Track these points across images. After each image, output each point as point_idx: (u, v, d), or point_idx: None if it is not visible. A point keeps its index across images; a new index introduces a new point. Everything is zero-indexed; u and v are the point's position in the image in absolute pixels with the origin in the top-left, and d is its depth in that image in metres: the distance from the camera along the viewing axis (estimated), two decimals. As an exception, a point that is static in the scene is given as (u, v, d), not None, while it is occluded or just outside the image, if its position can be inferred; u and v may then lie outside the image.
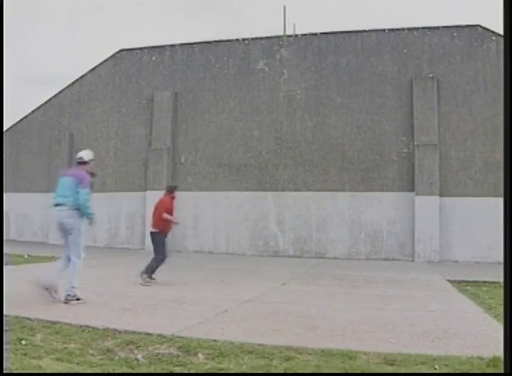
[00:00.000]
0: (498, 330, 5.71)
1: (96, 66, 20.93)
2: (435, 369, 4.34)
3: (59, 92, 21.42)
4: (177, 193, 10.43)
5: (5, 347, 4.62)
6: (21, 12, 54.23)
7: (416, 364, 4.46)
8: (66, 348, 4.85)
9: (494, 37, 16.70)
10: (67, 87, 21.27)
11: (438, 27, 17.42)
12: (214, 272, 12.17)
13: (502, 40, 16.57)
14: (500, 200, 17.43)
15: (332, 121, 17.77)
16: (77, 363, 4.38)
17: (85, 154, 7.82)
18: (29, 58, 55.36)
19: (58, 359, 4.48)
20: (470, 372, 4.27)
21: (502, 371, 4.25)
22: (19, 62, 53.94)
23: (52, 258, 13.86)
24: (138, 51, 20.33)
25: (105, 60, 20.82)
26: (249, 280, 10.67)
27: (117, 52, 20.61)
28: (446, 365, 4.43)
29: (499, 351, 4.58)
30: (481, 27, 16.99)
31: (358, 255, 16.95)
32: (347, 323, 6.25)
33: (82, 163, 7.73)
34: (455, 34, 17.15)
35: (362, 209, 17.22)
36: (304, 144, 17.85)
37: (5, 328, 5.15)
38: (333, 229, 17.38)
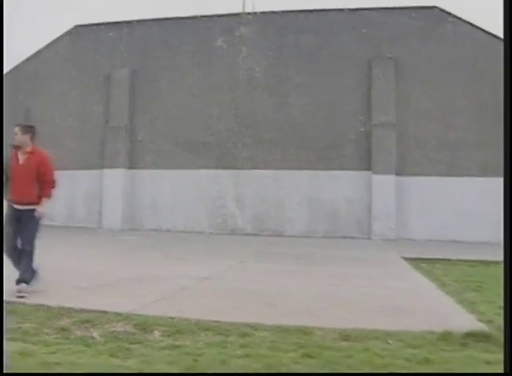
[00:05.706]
0: (449, 305, 5.92)
1: (52, 42, 20.36)
2: (389, 344, 4.44)
3: (15, 68, 20.76)
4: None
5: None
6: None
7: (370, 339, 4.56)
8: (20, 327, 4.77)
9: (450, 19, 16.88)
10: (23, 62, 20.63)
11: (396, 8, 17.51)
12: (172, 250, 12.14)
13: (458, 21, 16.81)
14: (455, 180, 17.65)
15: (291, 100, 17.77)
16: (32, 343, 4.32)
17: None
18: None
19: (12, 339, 4.41)
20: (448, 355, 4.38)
21: (451, 344, 4.40)
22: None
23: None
24: (94, 27, 19.82)
25: (61, 36, 20.27)
26: (207, 258, 10.67)
27: (73, 28, 20.06)
28: (400, 340, 4.53)
29: (450, 325, 4.74)
30: (438, 8, 17.14)
31: (316, 233, 17.08)
32: (305, 300, 6.33)
33: None
34: (413, 15, 17.27)
35: (321, 188, 17.32)
36: (263, 123, 17.80)
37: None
38: (291, 208, 17.46)
